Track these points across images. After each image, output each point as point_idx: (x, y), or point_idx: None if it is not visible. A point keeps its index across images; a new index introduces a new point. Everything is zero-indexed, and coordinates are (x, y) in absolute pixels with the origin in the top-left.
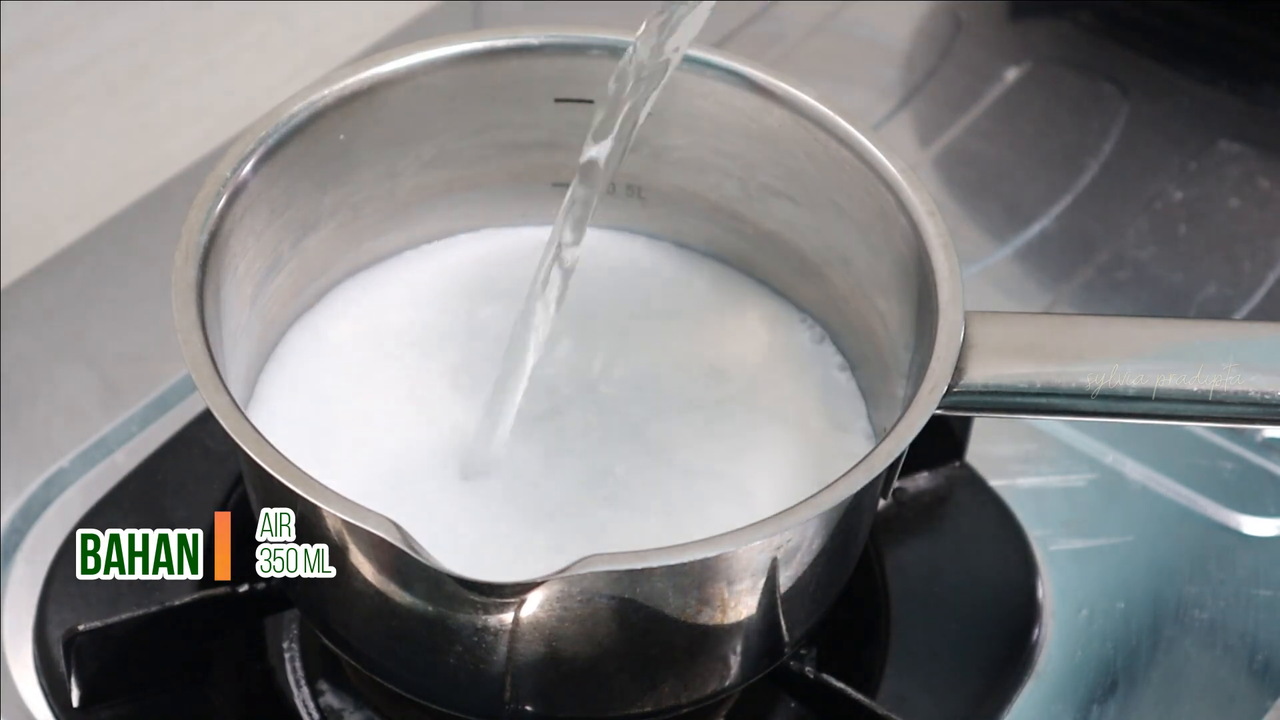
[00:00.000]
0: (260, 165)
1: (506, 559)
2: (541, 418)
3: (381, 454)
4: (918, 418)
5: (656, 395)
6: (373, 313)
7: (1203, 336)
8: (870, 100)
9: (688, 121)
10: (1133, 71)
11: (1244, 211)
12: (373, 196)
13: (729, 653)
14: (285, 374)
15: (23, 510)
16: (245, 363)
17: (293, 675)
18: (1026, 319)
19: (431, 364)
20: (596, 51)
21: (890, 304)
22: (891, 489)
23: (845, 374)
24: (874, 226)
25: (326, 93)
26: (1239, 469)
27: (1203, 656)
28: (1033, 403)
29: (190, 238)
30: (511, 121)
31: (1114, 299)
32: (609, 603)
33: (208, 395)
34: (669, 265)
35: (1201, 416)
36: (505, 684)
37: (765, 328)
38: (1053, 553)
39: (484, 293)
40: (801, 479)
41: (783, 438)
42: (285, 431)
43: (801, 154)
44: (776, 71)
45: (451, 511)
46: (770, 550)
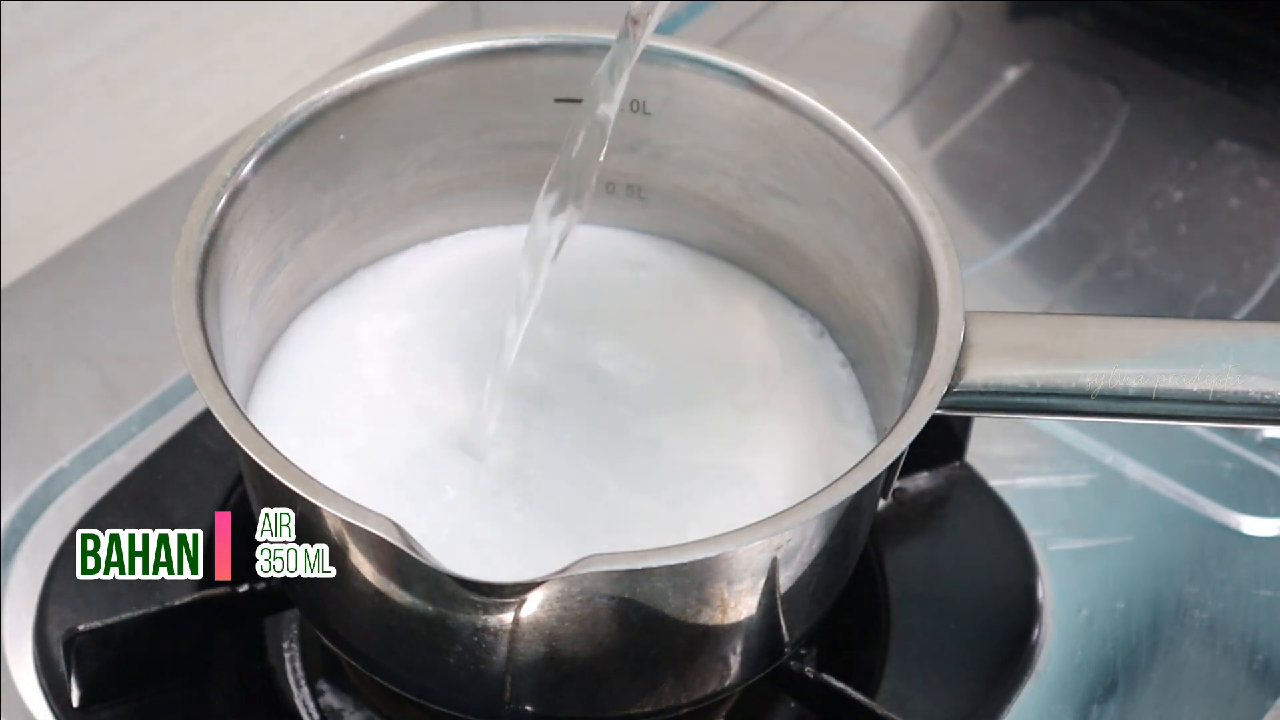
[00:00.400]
0: (260, 165)
1: (508, 557)
2: (541, 414)
3: (381, 453)
4: (917, 418)
5: (657, 391)
6: (371, 312)
7: (1203, 337)
8: (870, 100)
9: (688, 121)
10: (1133, 71)
11: (1244, 211)
12: (373, 196)
13: (729, 653)
14: (284, 373)
15: (23, 510)
16: (245, 362)
17: (293, 675)
18: (1026, 319)
19: (431, 363)
20: (596, 51)
21: (890, 304)
22: (891, 489)
23: (846, 370)
24: (874, 227)
25: (326, 93)
26: (1239, 469)
27: (1203, 656)
28: (1033, 403)
29: (190, 238)
30: (511, 121)
31: (1114, 299)
32: (609, 602)
33: (208, 395)
34: (669, 261)
35: (1201, 417)
36: (505, 684)
37: (765, 322)
38: (1053, 553)
39: (483, 291)
40: (806, 472)
41: (786, 432)
42: (284, 431)
43: (801, 154)
44: (776, 71)
45: (453, 510)
46: (770, 550)
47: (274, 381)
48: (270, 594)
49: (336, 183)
